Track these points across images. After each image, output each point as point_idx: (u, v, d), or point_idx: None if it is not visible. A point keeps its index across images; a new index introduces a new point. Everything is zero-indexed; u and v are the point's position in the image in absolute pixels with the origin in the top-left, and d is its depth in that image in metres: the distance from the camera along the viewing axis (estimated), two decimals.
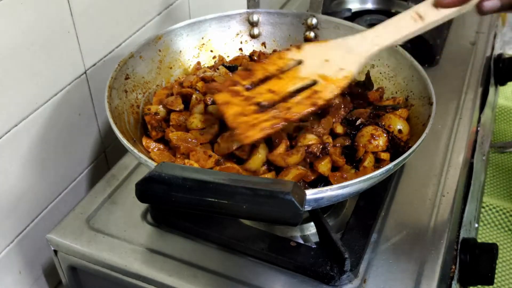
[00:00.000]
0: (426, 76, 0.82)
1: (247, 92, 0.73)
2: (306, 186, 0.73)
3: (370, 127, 0.77)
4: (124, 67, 0.84)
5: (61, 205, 0.92)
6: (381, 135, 0.76)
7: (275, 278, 0.72)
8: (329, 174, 0.73)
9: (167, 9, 1.07)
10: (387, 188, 0.85)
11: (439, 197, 0.85)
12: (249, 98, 0.72)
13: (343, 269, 0.70)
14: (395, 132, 0.78)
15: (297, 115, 0.69)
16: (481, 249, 0.83)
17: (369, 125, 0.78)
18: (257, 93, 0.73)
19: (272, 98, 0.72)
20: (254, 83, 0.74)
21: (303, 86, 0.73)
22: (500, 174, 1.61)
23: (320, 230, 0.75)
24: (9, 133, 0.78)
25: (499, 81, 1.37)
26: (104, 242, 0.77)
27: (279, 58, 0.77)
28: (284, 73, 0.75)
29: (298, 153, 0.72)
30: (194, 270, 0.73)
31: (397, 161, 0.67)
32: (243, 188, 0.52)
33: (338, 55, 0.76)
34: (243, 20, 0.99)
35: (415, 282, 0.71)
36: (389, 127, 0.78)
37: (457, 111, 1.04)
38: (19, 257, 0.86)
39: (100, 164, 1.01)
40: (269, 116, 0.69)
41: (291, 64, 0.76)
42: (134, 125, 0.82)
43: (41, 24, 0.77)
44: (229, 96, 0.72)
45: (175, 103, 0.83)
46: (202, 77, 0.88)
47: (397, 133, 0.78)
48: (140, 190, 0.55)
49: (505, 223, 1.46)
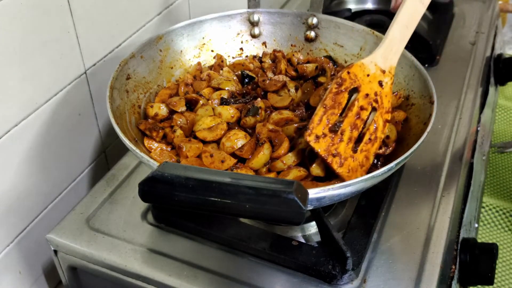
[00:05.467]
0: (427, 75, 0.82)
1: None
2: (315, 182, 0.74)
3: None
4: (125, 67, 0.84)
5: (61, 205, 0.92)
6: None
7: (276, 278, 0.72)
8: (335, 171, 0.73)
9: (167, 9, 1.07)
10: (388, 188, 0.85)
11: (439, 197, 0.85)
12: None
13: (345, 268, 0.70)
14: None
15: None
16: (481, 249, 0.83)
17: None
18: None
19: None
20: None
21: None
22: (500, 174, 1.61)
23: (321, 229, 0.75)
24: (9, 133, 0.77)
25: (499, 81, 1.37)
26: (104, 242, 0.77)
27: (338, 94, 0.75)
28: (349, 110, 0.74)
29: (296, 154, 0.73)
30: (194, 270, 0.73)
31: (399, 160, 0.67)
32: (245, 188, 0.52)
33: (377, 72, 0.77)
34: (243, 20, 0.99)
35: (415, 282, 0.71)
36: None
37: (457, 111, 1.04)
38: (19, 257, 0.86)
39: (100, 164, 1.00)
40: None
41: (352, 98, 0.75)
42: (135, 125, 0.82)
43: (41, 24, 0.77)
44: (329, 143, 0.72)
45: (179, 104, 0.84)
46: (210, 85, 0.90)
47: (385, 138, 0.79)
48: (143, 190, 0.55)
49: (505, 223, 1.46)
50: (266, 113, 0.82)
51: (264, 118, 0.81)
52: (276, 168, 0.73)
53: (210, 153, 0.74)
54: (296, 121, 0.80)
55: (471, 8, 1.42)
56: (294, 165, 0.74)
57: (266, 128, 0.78)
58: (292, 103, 0.85)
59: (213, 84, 0.89)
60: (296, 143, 0.76)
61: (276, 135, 0.76)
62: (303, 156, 0.74)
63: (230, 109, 0.82)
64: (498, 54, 1.37)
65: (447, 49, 1.24)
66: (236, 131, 0.78)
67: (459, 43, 1.27)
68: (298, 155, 0.74)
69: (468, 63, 1.19)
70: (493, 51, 1.30)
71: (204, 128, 0.79)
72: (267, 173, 0.74)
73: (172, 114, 0.84)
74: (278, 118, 0.81)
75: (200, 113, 0.82)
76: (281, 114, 0.81)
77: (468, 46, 1.26)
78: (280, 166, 0.73)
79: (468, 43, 1.27)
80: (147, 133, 0.81)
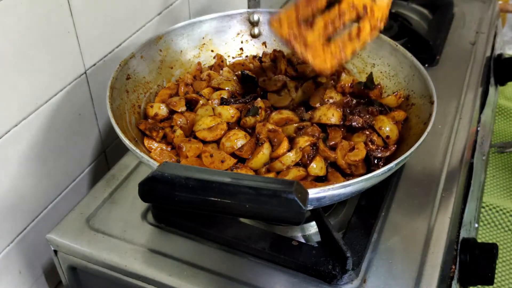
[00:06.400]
0: (427, 75, 0.82)
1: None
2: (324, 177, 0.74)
3: (355, 136, 0.79)
4: (125, 67, 0.84)
5: (61, 205, 0.92)
6: (360, 148, 0.77)
7: (276, 278, 0.72)
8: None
9: (167, 9, 1.07)
10: (388, 188, 0.85)
11: (439, 197, 0.85)
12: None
13: (345, 268, 0.70)
14: (383, 136, 0.79)
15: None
16: (481, 249, 0.83)
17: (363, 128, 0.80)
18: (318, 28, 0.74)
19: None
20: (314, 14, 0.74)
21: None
22: (500, 174, 1.61)
23: (321, 229, 0.75)
24: (9, 133, 0.77)
25: (499, 81, 1.37)
26: (104, 242, 0.77)
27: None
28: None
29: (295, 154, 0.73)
30: (194, 270, 0.73)
31: (398, 160, 0.67)
32: (245, 188, 0.52)
33: None
34: (243, 20, 0.99)
35: (415, 282, 0.71)
36: (380, 129, 0.79)
37: (457, 111, 1.04)
38: (19, 257, 0.86)
39: (100, 164, 1.00)
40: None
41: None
42: (135, 125, 0.82)
43: (41, 24, 0.77)
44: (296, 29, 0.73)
45: (179, 104, 0.84)
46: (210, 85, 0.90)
47: (385, 138, 0.79)
48: (143, 190, 0.55)
49: (505, 223, 1.46)
50: (266, 113, 0.82)
51: (264, 118, 0.81)
52: (276, 168, 0.73)
53: (210, 153, 0.74)
54: (296, 121, 0.81)
55: (471, 8, 1.42)
56: (293, 165, 0.74)
57: (266, 128, 0.78)
58: (292, 103, 0.85)
59: (213, 84, 0.89)
60: (295, 143, 0.76)
61: (275, 135, 0.76)
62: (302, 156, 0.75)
63: (230, 109, 0.82)
64: (498, 54, 1.37)
65: (447, 49, 1.24)
66: (236, 131, 0.78)
67: (459, 43, 1.27)
68: (297, 154, 0.74)
69: (468, 63, 1.19)
70: (493, 51, 1.30)
71: (204, 128, 0.79)
72: (267, 173, 0.74)
73: (172, 114, 0.84)
74: (278, 118, 0.81)
75: (200, 113, 0.82)
76: (281, 114, 0.81)
77: (468, 46, 1.26)
78: (279, 166, 0.73)
79: (468, 43, 1.27)
80: (147, 133, 0.81)
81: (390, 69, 0.91)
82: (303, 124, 0.79)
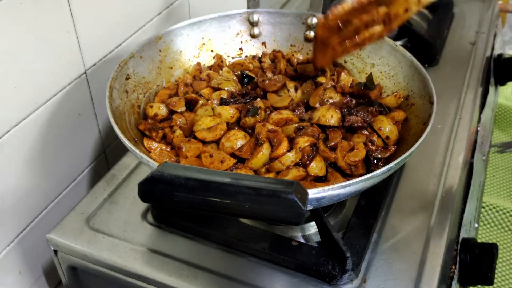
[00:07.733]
0: (426, 74, 0.82)
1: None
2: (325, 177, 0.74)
3: (354, 136, 0.79)
4: (125, 67, 0.84)
5: (61, 205, 0.92)
6: (359, 148, 0.77)
7: (276, 278, 0.72)
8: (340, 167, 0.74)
9: (167, 9, 1.07)
10: (387, 188, 0.85)
11: (439, 197, 0.85)
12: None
13: (345, 268, 0.70)
14: (383, 136, 0.79)
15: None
16: (481, 249, 0.83)
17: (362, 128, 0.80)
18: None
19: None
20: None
21: None
22: (500, 174, 1.61)
23: (321, 230, 0.75)
24: (9, 133, 0.77)
25: (499, 81, 1.37)
26: (104, 242, 0.77)
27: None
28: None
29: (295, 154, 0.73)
30: (194, 270, 0.73)
31: (398, 160, 0.67)
32: (245, 188, 0.52)
33: None
34: (243, 20, 0.99)
35: (415, 282, 0.71)
36: (379, 129, 0.79)
37: (457, 111, 1.04)
38: (19, 257, 0.86)
39: (100, 164, 1.00)
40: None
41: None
42: (135, 125, 0.82)
43: (41, 24, 0.77)
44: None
45: (178, 104, 0.84)
46: (210, 85, 0.90)
47: (385, 138, 0.79)
48: (143, 190, 0.55)
49: (505, 223, 1.46)
50: (266, 113, 0.82)
51: (263, 118, 0.81)
52: (275, 168, 0.73)
53: (209, 153, 0.74)
54: (295, 121, 0.80)
55: (471, 8, 1.42)
56: (293, 165, 0.74)
57: (266, 128, 0.78)
58: (292, 103, 0.85)
59: (212, 84, 0.89)
60: (295, 143, 0.76)
61: (275, 135, 0.76)
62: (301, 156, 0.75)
63: (230, 109, 0.82)
64: (498, 54, 1.36)
65: (447, 49, 1.24)
66: (236, 131, 0.78)
67: (459, 43, 1.27)
68: (297, 155, 0.74)
69: (468, 63, 1.19)
70: (493, 51, 1.30)
71: (203, 128, 0.79)
72: (266, 173, 0.74)
73: (172, 114, 0.84)
74: (278, 118, 0.81)
75: (200, 113, 0.82)
76: (280, 114, 0.81)
77: (468, 46, 1.26)
78: (279, 166, 0.73)
79: (468, 43, 1.27)
80: (146, 133, 0.81)
81: (389, 69, 0.91)
82: (303, 124, 0.79)
